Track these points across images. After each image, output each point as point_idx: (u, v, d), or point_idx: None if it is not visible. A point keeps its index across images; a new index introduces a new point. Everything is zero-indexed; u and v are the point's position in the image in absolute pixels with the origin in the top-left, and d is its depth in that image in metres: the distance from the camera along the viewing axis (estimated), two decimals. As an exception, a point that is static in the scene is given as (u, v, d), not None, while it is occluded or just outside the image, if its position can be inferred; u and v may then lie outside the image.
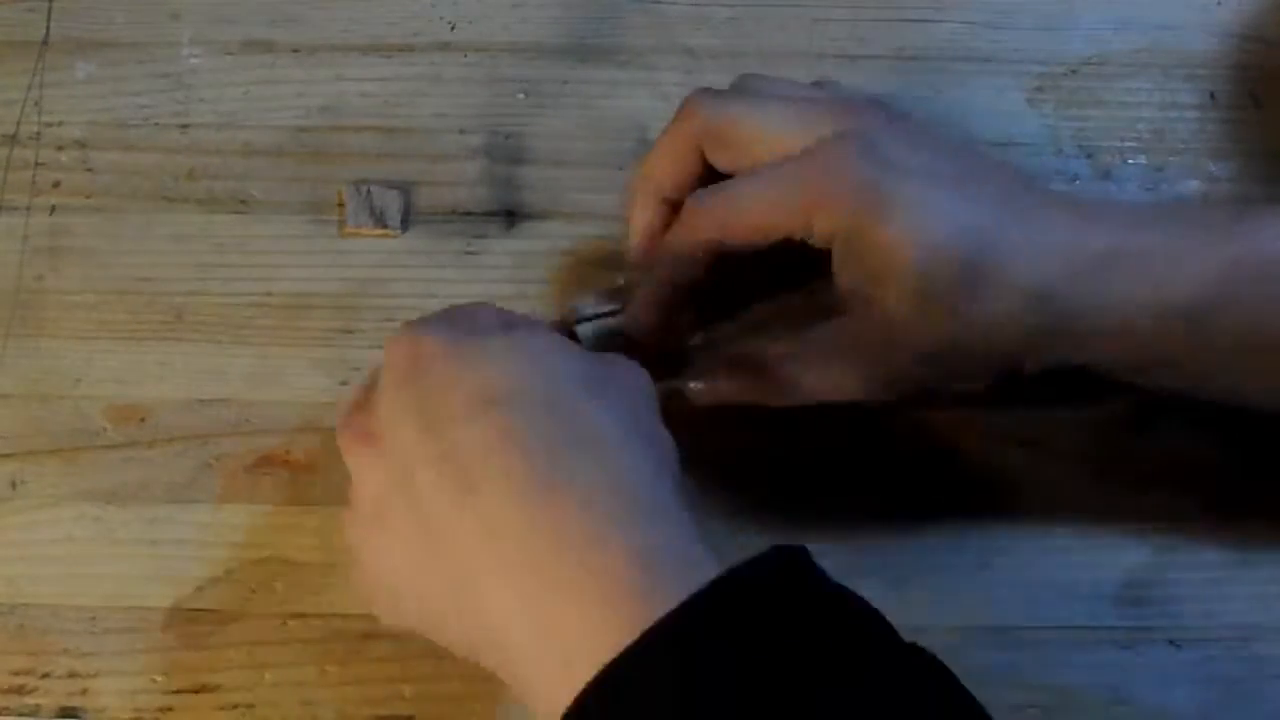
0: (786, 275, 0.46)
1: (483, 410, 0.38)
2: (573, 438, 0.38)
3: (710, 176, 0.46)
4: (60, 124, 0.52)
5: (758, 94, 0.46)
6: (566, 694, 0.34)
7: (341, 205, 0.50)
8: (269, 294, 0.50)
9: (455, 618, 0.38)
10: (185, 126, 0.52)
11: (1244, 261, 0.41)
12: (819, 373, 0.43)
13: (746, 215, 0.43)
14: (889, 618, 0.36)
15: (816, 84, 0.49)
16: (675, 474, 0.39)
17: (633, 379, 0.41)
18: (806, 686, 0.33)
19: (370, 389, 0.42)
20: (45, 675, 0.46)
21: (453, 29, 0.53)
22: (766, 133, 0.44)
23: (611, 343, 0.47)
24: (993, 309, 0.41)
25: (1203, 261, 0.41)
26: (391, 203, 0.50)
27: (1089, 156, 0.52)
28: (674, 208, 0.47)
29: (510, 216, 0.51)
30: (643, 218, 0.47)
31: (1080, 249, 0.41)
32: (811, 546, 0.37)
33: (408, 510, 0.38)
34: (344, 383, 0.49)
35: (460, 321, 0.41)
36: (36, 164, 0.51)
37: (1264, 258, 0.41)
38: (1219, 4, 0.54)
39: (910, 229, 0.41)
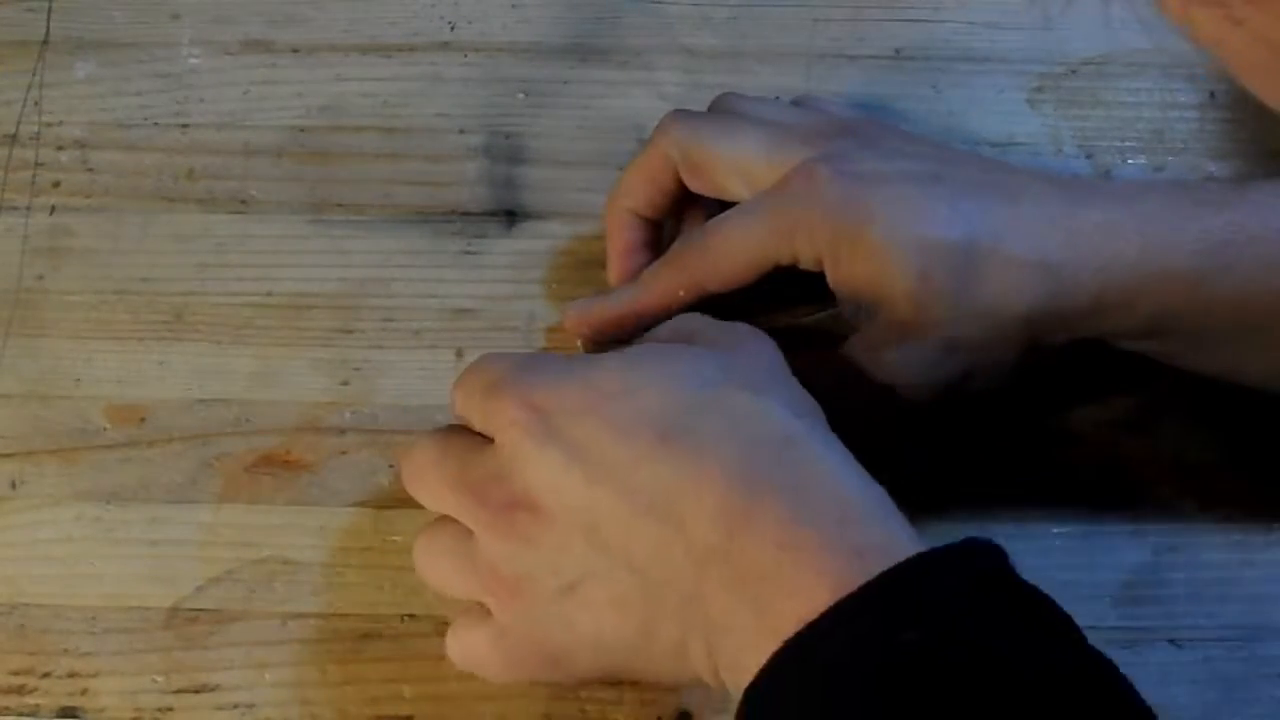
0: (773, 297, 0.46)
1: (657, 448, 0.37)
2: (753, 442, 0.37)
3: (685, 195, 0.46)
4: (60, 124, 0.52)
5: (732, 116, 0.46)
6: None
7: None
8: (269, 294, 0.50)
9: (664, 650, 0.38)
10: (185, 126, 0.52)
11: (1245, 227, 0.41)
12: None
13: (728, 255, 0.43)
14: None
15: (796, 101, 0.49)
16: (832, 434, 0.39)
17: (761, 346, 0.41)
18: (982, 672, 0.33)
19: (459, 451, 0.40)
20: (45, 675, 0.46)
21: (453, 29, 0.53)
22: (738, 159, 0.44)
23: (612, 342, 0.48)
24: (996, 288, 0.41)
25: (1203, 226, 0.41)
26: None
27: (1089, 156, 0.52)
28: (651, 226, 0.47)
29: (510, 216, 0.51)
30: (621, 238, 0.47)
31: (1077, 219, 0.41)
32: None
33: (604, 564, 0.37)
34: (344, 383, 0.49)
35: (546, 363, 0.40)
36: (36, 164, 0.51)
37: (1263, 224, 0.41)
38: (1219, 4, 0.54)
39: (898, 228, 0.41)
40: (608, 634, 0.38)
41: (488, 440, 0.40)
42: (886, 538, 0.36)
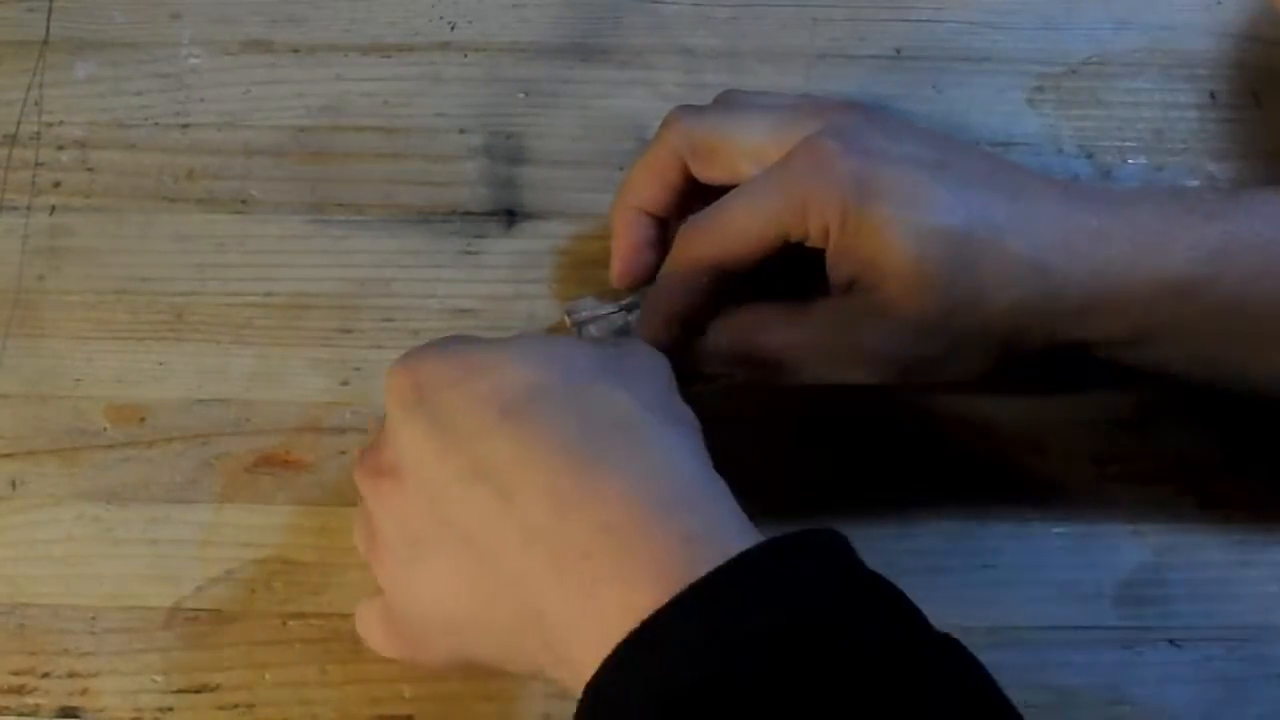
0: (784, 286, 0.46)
1: (500, 421, 0.37)
2: (599, 428, 0.37)
3: (692, 191, 0.46)
4: (60, 124, 0.52)
5: (739, 106, 0.46)
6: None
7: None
8: (269, 294, 0.50)
9: (503, 628, 0.38)
10: (185, 126, 0.52)
11: (1237, 236, 0.41)
12: (820, 354, 0.43)
13: (742, 229, 0.43)
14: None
15: (803, 97, 0.49)
16: (702, 448, 0.39)
17: (646, 360, 0.41)
18: (831, 653, 0.33)
19: (378, 431, 0.42)
20: (45, 675, 0.46)
21: (453, 29, 0.53)
22: (748, 142, 0.44)
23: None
24: (987, 281, 0.41)
25: (1197, 235, 0.41)
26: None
27: (1089, 156, 0.52)
28: (658, 224, 0.47)
29: (510, 216, 0.51)
30: (627, 236, 0.47)
31: (1073, 222, 0.42)
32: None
33: (445, 533, 0.38)
34: (344, 383, 0.49)
35: (450, 343, 0.41)
36: (36, 164, 0.51)
37: (1256, 233, 0.41)
38: (1219, 4, 0.54)
39: (900, 210, 0.41)
40: (451, 608, 0.39)
41: None
42: (715, 526, 0.36)
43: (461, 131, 0.52)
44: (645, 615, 0.33)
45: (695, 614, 0.33)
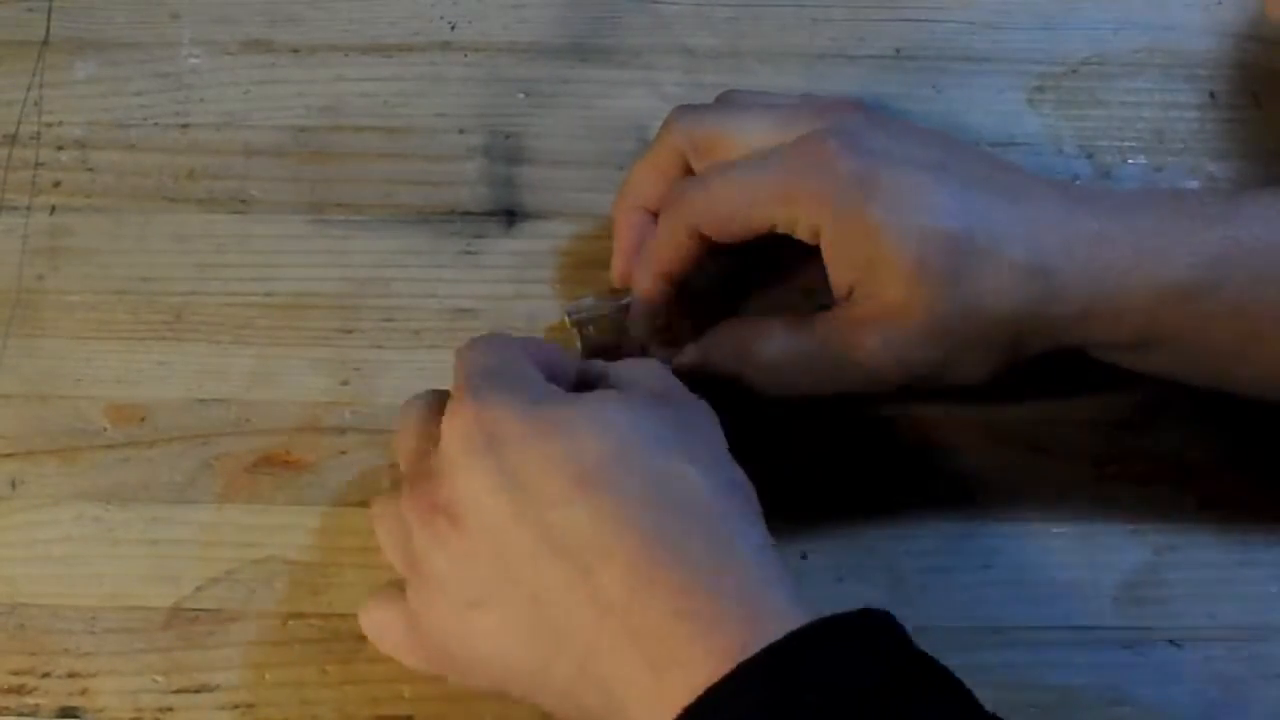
0: (781, 280, 0.46)
1: (579, 492, 0.37)
2: (675, 512, 0.37)
3: None
4: (60, 124, 0.52)
5: (739, 106, 0.46)
6: None
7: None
8: (269, 294, 0.50)
9: (560, 682, 0.38)
10: (185, 126, 0.52)
11: (1240, 241, 0.41)
12: (821, 364, 0.44)
13: (729, 208, 0.43)
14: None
15: (804, 97, 0.49)
16: (760, 520, 0.39)
17: (703, 419, 0.41)
18: None
19: (414, 440, 0.41)
20: (45, 675, 0.46)
21: (453, 29, 0.53)
22: (749, 142, 0.44)
23: (613, 342, 0.48)
24: (988, 286, 0.41)
25: (1198, 240, 0.41)
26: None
27: (1089, 156, 0.52)
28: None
29: (510, 216, 0.51)
30: (628, 235, 0.47)
31: (1074, 227, 0.41)
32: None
33: (510, 591, 0.38)
34: (344, 383, 0.49)
35: (515, 382, 0.40)
36: (36, 164, 0.51)
37: (1257, 237, 0.41)
38: (1219, 4, 0.54)
39: (900, 212, 0.41)
40: (506, 659, 0.39)
41: None
42: (778, 607, 0.36)
43: (461, 131, 0.52)
44: (705, 685, 0.34)
45: (751, 689, 0.34)
